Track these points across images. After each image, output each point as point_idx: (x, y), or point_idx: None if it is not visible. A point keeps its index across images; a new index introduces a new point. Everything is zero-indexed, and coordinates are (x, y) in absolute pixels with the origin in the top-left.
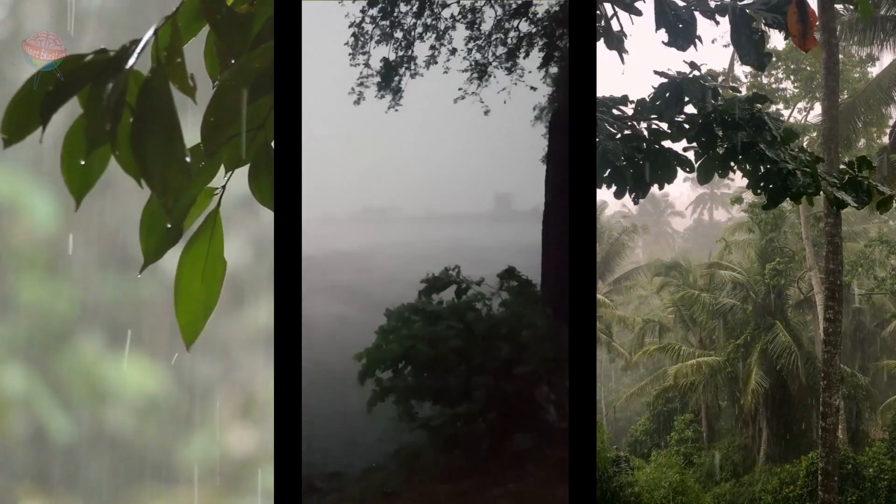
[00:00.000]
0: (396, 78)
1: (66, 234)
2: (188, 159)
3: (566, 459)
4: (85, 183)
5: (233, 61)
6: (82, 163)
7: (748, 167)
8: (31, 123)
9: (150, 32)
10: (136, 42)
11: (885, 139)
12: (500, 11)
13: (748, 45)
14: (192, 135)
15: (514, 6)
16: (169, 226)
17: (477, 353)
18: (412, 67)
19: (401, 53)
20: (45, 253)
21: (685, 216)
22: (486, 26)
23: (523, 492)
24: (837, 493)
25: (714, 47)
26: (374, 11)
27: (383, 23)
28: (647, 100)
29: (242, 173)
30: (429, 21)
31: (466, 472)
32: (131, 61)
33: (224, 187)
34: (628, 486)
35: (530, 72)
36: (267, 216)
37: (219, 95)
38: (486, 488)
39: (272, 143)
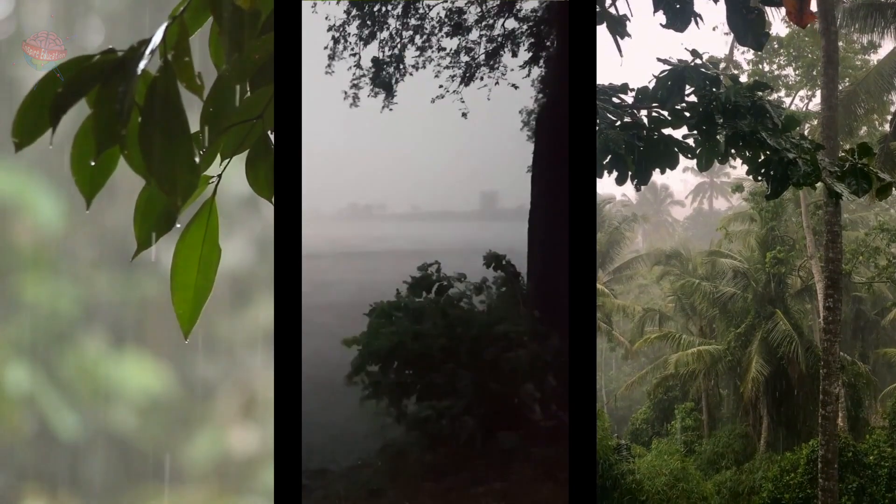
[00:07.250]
0: (386, 78)
1: (69, 234)
2: (197, 158)
3: (551, 458)
4: (95, 183)
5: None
6: (92, 164)
7: (748, 154)
8: (41, 126)
9: (159, 33)
10: (143, 42)
11: (887, 127)
12: (484, 8)
13: (744, 26)
14: (194, 128)
15: (497, 4)
16: (163, 212)
17: (462, 351)
18: (400, 69)
19: (388, 54)
20: (48, 252)
21: (685, 205)
22: (471, 24)
23: (507, 490)
24: (837, 481)
25: (715, 34)
26: (356, 12)
27: (368, 23)
28: (649, 88)
29: (241, 172)
30: (413, 21)
31: (451, 469)
32: (142, 64)
33: (220, 176)
34: (629, 474)
35: (513, 69)
36: (269, 215)
37: (219, 86)
38: (471, 486)
39: (270, 133)
